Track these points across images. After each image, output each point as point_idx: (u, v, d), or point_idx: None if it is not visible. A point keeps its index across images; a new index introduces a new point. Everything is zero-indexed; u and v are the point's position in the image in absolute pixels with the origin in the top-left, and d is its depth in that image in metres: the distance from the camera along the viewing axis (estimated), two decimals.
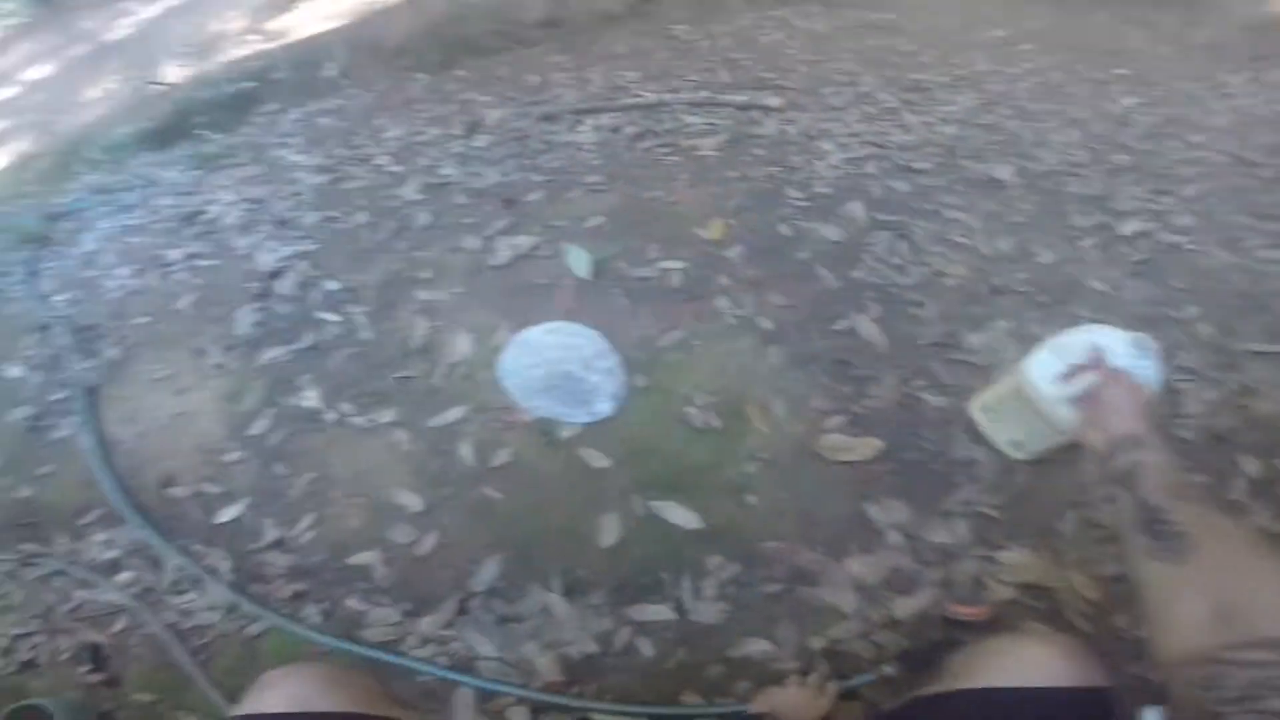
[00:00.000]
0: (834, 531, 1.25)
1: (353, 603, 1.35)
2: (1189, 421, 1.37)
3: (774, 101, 2.22)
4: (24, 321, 2.12)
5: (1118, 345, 0.98)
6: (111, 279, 2.14)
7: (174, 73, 3.85)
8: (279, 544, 1.44)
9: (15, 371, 1.95)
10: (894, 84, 2.43)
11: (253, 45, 3.92)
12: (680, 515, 1.31)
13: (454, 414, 1.48)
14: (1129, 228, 1.74)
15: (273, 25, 4.26)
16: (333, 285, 1.81)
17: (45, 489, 1.67)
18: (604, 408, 1.43)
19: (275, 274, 1.90)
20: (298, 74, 3.17)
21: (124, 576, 1.49)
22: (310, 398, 1.59)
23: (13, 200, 2.78)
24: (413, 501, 1.40)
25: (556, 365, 1.45)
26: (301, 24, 4.12)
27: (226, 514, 1.49)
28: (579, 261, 1.66)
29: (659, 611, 1.25)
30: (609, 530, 1.33)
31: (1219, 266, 1.68)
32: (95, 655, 1.47)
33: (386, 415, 1.51)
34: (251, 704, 0.74)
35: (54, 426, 1.77)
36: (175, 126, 2.94)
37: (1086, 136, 2.14)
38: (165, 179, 2.61)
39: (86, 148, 2.96)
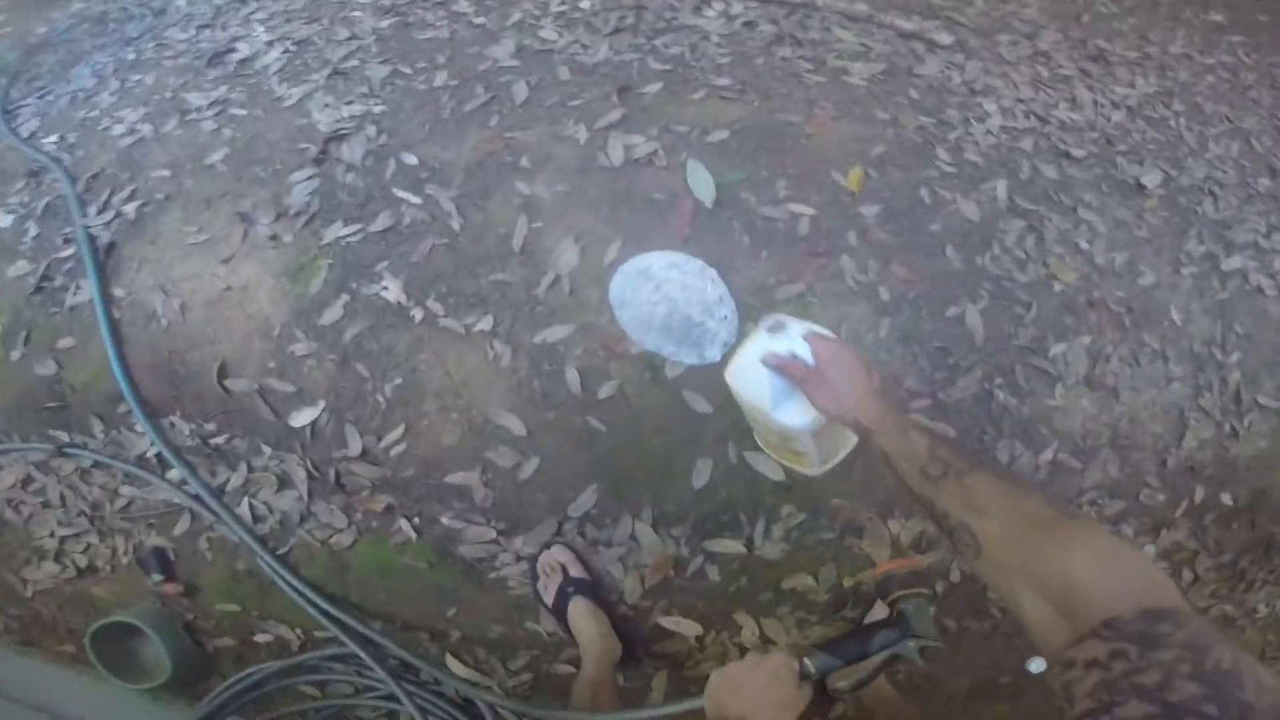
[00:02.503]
0: (888, 497, 1.47)
1: (447, 520, 1.42)
2: (1179, 453, 1.58)
3: (944, 38, 2.02)
4: (3, 164, 1.92)
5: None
6: (117, 123, 1.92)
7: None
8: (365, 455, 1.45)
9: (3, 221, 1.80)
10: (1077, 48, 2.23)
11: None
12: (767, 467, 1.43)
13: (559, 332, 1.47)
14: (1231, 263, 1.78)
15: None
16: (410, 159, 1.65)
17: (70, 367, 1.57)
18: (714, 353, 1.45)
19: (335, 137, 1.71)
20: None
21: (174, 474, 1.44)
22: (391, 289, 1.51)
23: None
24: (514, 424, 1.43)
25: (678, 306, 1.44)
26: None
27: (301, 417, 1.47)
28: (702, 183, 1.57)
29: (732, 546, 1.45)
30: (702, 472, 1.43)
31: None
32: (163, 562, 1.42)
33: (483, 322, 1.48)
34: None
35: (66, 289, 1.63)
36: None
37: (1244, 152, 2.06)
38: (177, 8, 2.28)
39: None
